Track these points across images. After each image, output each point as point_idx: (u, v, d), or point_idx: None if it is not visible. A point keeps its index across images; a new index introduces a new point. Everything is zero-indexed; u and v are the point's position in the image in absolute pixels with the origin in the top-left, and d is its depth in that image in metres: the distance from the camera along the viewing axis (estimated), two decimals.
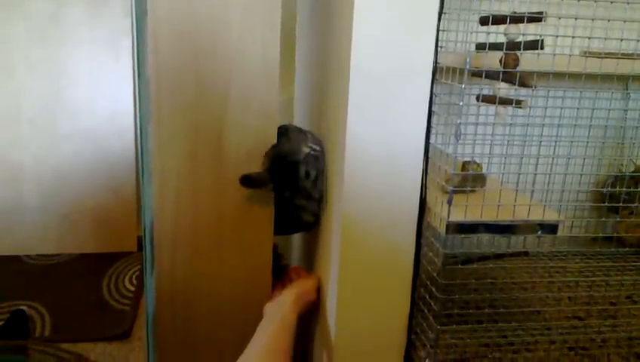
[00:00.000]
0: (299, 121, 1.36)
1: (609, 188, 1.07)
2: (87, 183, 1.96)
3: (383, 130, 0.81)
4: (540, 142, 0.89)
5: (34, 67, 1.95)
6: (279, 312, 0.91)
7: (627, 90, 1.11)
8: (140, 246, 1.90)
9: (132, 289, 1.67)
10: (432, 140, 0.84)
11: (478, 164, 0.92)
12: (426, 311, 0.87)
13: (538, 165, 0.88)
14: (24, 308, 1.24)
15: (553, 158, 0.89)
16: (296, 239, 1.35)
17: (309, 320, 1.08)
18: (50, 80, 1.96)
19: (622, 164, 1.12)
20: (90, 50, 1.95)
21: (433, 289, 0.84)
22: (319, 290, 1.02)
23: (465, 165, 0.92)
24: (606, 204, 0.95)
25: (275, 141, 0.96)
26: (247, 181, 0.94)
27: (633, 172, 1.16)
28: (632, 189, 0.96)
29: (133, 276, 1.76)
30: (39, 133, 1.96)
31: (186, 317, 1.02)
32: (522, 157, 0.85)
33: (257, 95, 0.94)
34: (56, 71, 1.96)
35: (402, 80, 0.80)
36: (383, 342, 0.89)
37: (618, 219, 0.99)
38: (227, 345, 1.03)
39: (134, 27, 1.92)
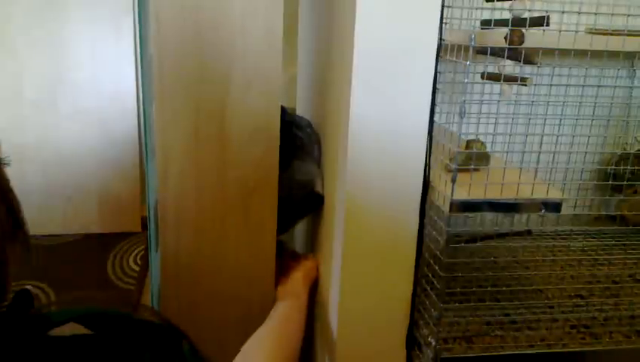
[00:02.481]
0: (301, 99, 1.35)
1: (613, 167, 1.06)
2: (91, 164, 1.96)
3: (387, 108, 0.81)
4: (545, 120, 0.88)
5: (34, 47, 1.93)
6: (293, 290, 0.97)
7: (633, 67, 1.10)
8: (145, 226, 1.91)
9: (137, 268, 1.68)
10: (436, 118, 0.83)
11: (482, 143, 0.92)
12: (428, 289, 0.87)
13: (542, 143, 0.87)
14: (29, 287, 1.25)
15: (558, 137, 0.89)
16: (297, 229, 1.36)
17: (311, 301, 1.08)
18: (51, 60, 1.94)
19: (626, 143, 1.11)
20: (91, 29, 1.93)
21: (436, 267, 0.84)
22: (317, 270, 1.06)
23: (469, 144, 0.91)
24: (610, 182, 0.95)
25: (278, 120, 0.95)
26: None
27: (638, 150, 1.15)
28: (636, 168, 0.95)
29: (138, 256, 1.77)
30: (41, 113, 1.95)
31: (190, 295, 1.03)
32: (526, 136, 0.85)
33: (260, 73, 0.93)
34: (57, 51, 1.94)
35: (406, 57, 0.79)
36: (386, 320, 0.90)
37: (622, 198, 0.98)
38: (231, 323, 1.04)
39: (136, 4, 1.91)
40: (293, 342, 0.88)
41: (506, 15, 0.82)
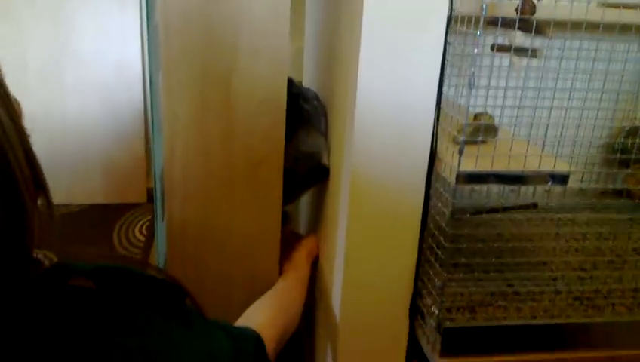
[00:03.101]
0: (308, 71, 1.35)
1: (622, 140, 1.06)
2: (96, 135, 1.96)
3: (396, 79, 0.80)
4: (554, 92, 0.87)
5: (39, 17, 1.92)
6: (294, 265, 1.02)
7: None
8: (150, 198, 1.92)
9: (142, 239, 1.69)
10: (444, 90, 0.83)
11: (490, 116, 0.91)
12: (433, 260, 0.87)
13: (551, 117, 0.87)
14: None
15: (566, 110, 0.88)
16: (302, 202, 1.36)
17: (311, 277, 1.09)
18: (55, 30, 1.93)
19: (635, 118, 1.10)
20: (95, 1, 1.92)
21: (441, 238, 0.84)
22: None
23: (477, 116, 0.91)
24: (618, 156, 0.94)
25: (284, 91, 0.95)
26: None
27: None
28: None
29: (143, 226, 1.78)
30: (46, 84, 1.95)
31: (196, 265, 1.03)
32: (535, 109, 0.84)
33: (267, 42, 0.92)
34: (62, 21, 1.93)
35: (416, 28, 0.78)
36: (390, 290, 0.91)
37: (629, 171, 0.98)
38: (237, 291, 1.05)
39: None
40: (291, 311, 0.92)
41: None
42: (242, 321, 0.82)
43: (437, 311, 0.85)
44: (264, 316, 0.84)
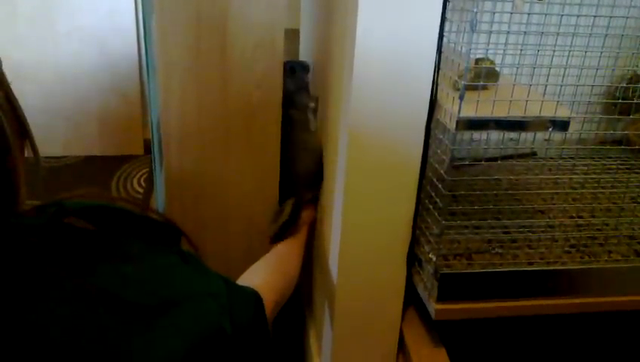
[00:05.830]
0: (305, 17, 1.31)
1: (623, 85, 1.04)
2: (90, 84, 1.93)
3: (395, 24, 0.78)
4: (557, 37, 0.85)
5: None
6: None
7: None
8: (147, 150, 1.91)
9: (141, 190, 1.69)
10: (445, 34, 0.81)
11: (492, 61, 0.90)
12: (431, 207, 0.88)
13: (553, 62, 0.85)
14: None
15: (569, 55, 0.86)
16: None
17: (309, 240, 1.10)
18: None
19: (637, 65, 1.08)
20: None
21: (439, 186, 0.84)
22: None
23: (478, 62, 0.89)
24: (619, 102, 0.93)
25: (281, 37, 0.93)
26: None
27: None
28: None
29: (142, 178, 1.78)
30: (37, 31, 1.90)
31: (194, 214, 1.04)
32: (537, 52, 0.82)
33: None
34: None
35: None
36: (388, 238, 0.91)
37: (631, 117, 0.97)
38: (235, 241, 1.06)
39: None
40: (289, 275, 0.92)
41: None
42: (240, 284, 0.82)
43: (434, 258, 0.86)
44: (262, 279, 0.84)
